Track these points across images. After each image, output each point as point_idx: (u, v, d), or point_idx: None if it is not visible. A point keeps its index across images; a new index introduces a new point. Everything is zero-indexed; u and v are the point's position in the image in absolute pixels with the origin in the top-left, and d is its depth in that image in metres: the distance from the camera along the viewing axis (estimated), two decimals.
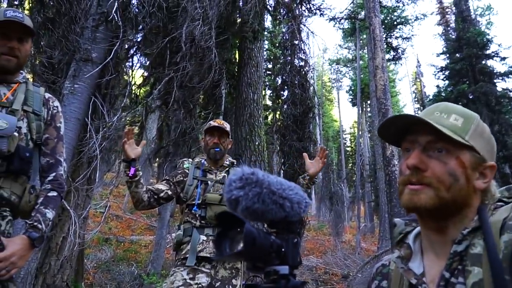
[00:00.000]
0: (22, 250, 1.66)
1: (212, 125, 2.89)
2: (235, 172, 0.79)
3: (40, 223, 1.75)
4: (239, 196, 0.75)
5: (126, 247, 9.17)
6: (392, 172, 7.46)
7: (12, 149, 1.71)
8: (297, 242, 0.81)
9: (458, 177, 0.90)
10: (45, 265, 4.35)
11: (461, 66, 17.00)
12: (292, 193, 0.79)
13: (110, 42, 4.29)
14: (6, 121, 1.72)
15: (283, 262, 0.77)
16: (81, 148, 4.22)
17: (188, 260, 2.64)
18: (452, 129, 0.91)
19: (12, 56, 1.83)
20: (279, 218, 0.78)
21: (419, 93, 33.18)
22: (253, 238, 0.72)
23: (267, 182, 0.77)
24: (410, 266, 0.96)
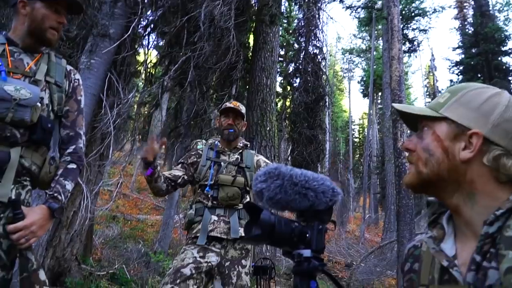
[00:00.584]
0: (42, 219, 1.66)
1: (227, 106, 2.88)
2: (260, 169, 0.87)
3: (60, 194, 1.75)
4: (263, 188, 0.85)
5: (133, 225, 9.27)
6: (402, 164, 7.40)
7: (34, 119, 1.71)
8: (322, 228, 0.88)
9: (433, 151, 0.91)
10: (56, 238, 4.40)
11: (476, 62, 16.75)
12: (316, 184, 0.87)
13: (128, 19, 4.27)
14: (30, 91, 1.70)
15: (307, 247, 0.85)
16: (95, 123, 4.23)
17: (199, 239, 2.65)
18: (432, 107, 0.94)
19: (57, 31, 1.84)
20: (305, 207, 0.87)
21: (431, 87, 32.85)
22: (271, 225, 0.82)
23: (289, 174, 0.86)
24: (442, 247, 0.93)
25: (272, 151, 7.23)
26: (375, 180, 24.90)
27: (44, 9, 1.81)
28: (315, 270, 0.84)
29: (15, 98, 1.65)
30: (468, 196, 0.89)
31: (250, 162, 2.87)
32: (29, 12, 1.82)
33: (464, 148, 0.88)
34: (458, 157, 0.88)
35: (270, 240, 0.85)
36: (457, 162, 0.89)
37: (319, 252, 0.86)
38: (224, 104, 2.96)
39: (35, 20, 1.81)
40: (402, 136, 7.51)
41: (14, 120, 1.66)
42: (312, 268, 0.83)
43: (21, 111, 1.66)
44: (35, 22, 1.81)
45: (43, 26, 1.80)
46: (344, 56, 33.92)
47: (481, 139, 0.87)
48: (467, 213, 0.89)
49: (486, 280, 0.81)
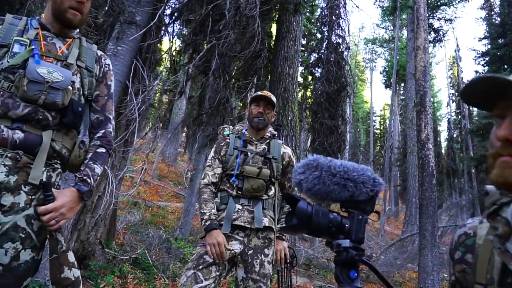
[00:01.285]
0: (72, 202, 1.70)
1: (258, 94, 2.86)
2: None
3: (89, 178, 1.78)
4: (301, 179, 0.87)
5: (154, 211, 9.40)
6: (425, 156, 7.29)
7: (66, 102, 1.73)
8: (362, 219, 0.89)
9: None
10: (80, 221, 4.49)
11: (503, 52, 16.28)
12: (356, 174, 0.88)
13: (154, 6, 4.27)
14: (62, 74, 1.73)
15: (346, 237, 0.87)
16: (120, 110, 4.27)
17: (223, 227, 2.66)
18: None
19: (78, 11, 1.82)
20: (345, 198, 0.88)
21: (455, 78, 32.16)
22: (307, 215, 0.84)
23: (327, 165, 0.88)
24: (507, 247, 0.82)
25: (294, 141, 7.21)
26: (395, 172, 24.65)
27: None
28: (353, 259, 0.85)
29: (48, 81, 1.67)
30: None
31: (277, 153, 2.85)
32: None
33: None
34: None
35: (307, 230, 0.87)
36: None
37: (358, 242, 0.87)
38: (256, 93, 2.94)
39: (56, 2, 1.82)
40: (426, 128, 7.37)
41: (47, 102, 1.68)
42: (350, 258, 0.84)
43: (53, 94, 1.69)
44: (56, 4, 1.82)
45: (62, 7, 1.80)
46: (367, 46, 33.43)
47: None
48: None
49: None
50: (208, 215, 2.61)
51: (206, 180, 2.77)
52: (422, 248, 6.89)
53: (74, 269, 1.72)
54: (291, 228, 0.93)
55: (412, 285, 8.09)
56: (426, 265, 6.66)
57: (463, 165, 25.43)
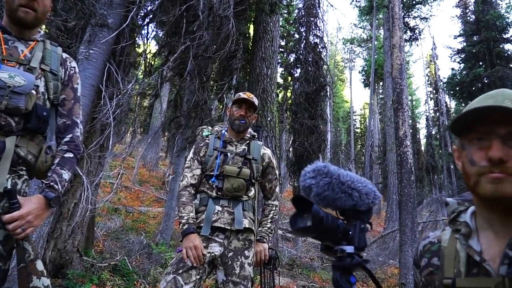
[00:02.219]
0: (38, 209, 1.64)
1: (241, 96, 2.83)
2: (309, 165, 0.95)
3: (57, 184, 1.73)
4: (311, 184, 0.92)
5: (135, 217, 9.27)
6: (404, 153, 7.38)
7: (29, 107, 1.68)
8: (364, 227, 0.95)
9: None
10: (57, 230, 4.39)
11: (478, 49, 16.69)
12: (361, 185, 0.94)
13: (126, 8, 4.21)
14: (24, 78, 1.67)
15: (350, 243, 0.92)
16: (94, 114, 4.19)
17: (203, 230, 2.63)
18: None
19: (30, 8, 1.75)
20: (348, 206, 0.93)
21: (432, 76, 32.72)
22: (320, 218, 0.88)
23: (337, 174, 0.93)
24: (470, 243, 0.98)
25: (273, 141, 7.20)
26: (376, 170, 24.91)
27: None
28: (357, 265, 0.90)
29: (9, 85, 1.62)
30: None
31: (257, 154, 2.84)
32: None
33: None
34: None
35: (317, 233, 0.90)
36: None
37: (360, 249, 0.93)
38: (238, 94, 2.92)
39: (8, 2, 1.76)
40: (404, 125, 7.47)
41: (9, 108, 1.63)
42: (355, 264, 0.89)
43: (16, 99, 1.64)
44: (8, 4, 1.76)
45: (13, 5, 1.74)
46: (345, 46, 33.77)
47: None
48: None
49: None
50: (186, 219, 2.57)
51: (184, 182, 2.73)
52: (403, 244, 6.97)
53: (44, 278, 1.67)
54: (305, 230, 0.95)
55: (394, 281, 8.16)
56: (407, 261, 6.73)
57: (442, 161, 25.93)
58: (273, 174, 2.94)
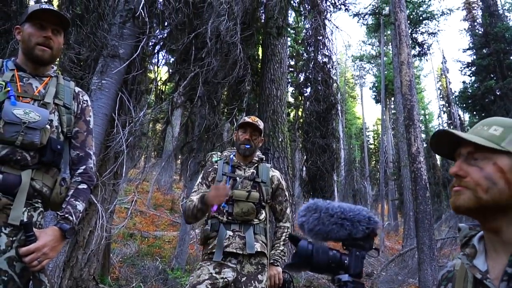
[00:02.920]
0: (54, 241, 1.68)
1: (246, 120, 2.86)
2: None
3: (71, 215, 1.77)
4: (303, 221, 0.97)
5: (151, 242, 9.27)
6: (418, 169, 7.30)
7: (44, 142, 1.74)
8: (359, 254, 0.98)
9: (496, 181, 0.97)
10: (73, 258, 4.42)
11: (488, 62, 16.59)
12: (352, 214, 0.97)
13: (136, 38, 4.33)
14: (39, 114, 1.73)
15: (346, 272, 0.95)
16: (108, 143, 4.27)
17: (215, 255, 2.64)
18: (489, 139, 1.00)
19: (46, 46, 1.84)
20: (344, 236, 0.97)
21: (444, 90, 32.48)
22: (308, 253, 0.94)
23: (325, 207, 0.97)
24: (474, 263, 1.02)
25: (285, 162, 7.21)
26: (392, 186, 24.59)
27: (30, 28, 1.84)
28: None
29: (24, 121, 1.68)
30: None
31: (266, 176, 2.85)
32: (22, 36, 1.87)
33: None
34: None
35: (310, 267, 0.96)
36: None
37: (357, 276, 0.95)
38: (243, 118, 2.95)
39: (24, 41, 1.84)
40: (416, 141, 7.42)
41: (24, 143, 1.69)
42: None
43: (31, 134, 1.69)
44: (24, 43, 1.84)
45: (30, 44, 1.82)
46: (355, 63, 33.85)
47: None
48: (506, 234, 0.98)
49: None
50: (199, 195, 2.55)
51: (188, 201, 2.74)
52: (421, 262, 6.83)
53: None
54: (294, 266, 0.99)
55: None
56: (426, 279, 6.59)
57: None
58: (283, 196, 2.94)
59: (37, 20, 1.83)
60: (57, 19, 1.87)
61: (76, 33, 4.54)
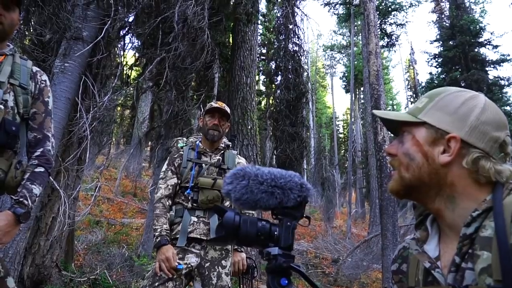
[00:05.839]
0: (7, 225, 1.63)
1: (213, 106, 2.85)
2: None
3: (26, 199, 1.72)
4: (229, 190, 0.88)
5: (117, 229, 9.16)
6: (383, 158, 7.47)
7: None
8: (290, 225, 0.89)
9: (413, 155, 0.92)
10: (34, 245, 4.33)
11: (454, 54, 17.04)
12: (283, 181, 0.88)
13: (101, 21, 4.21)
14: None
15: (276, 244, 0.87)
16: (71, 128, 4.16)
17: (179, 241, 2.64)
18: (410, 112, 0.95)
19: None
20: (274, 205, 0.88)
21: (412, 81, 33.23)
22: (235, 226, 0.85)
23: (254, 174, 0.88)
24: (425, 248, 0.94)
25: (254, 149, 7.24)
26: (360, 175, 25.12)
27: None
28: (280, 267, 0.85)
29: None
30: (449, 199, 0.90)
31: (231, 163, 2.85)
32: None
33: (443, 152, 0.89)
34: (437, 161, 0.89)
35: (236, 240, 0.87)
36: (437, 166, 0.90)
37: (287, 249, 0.87)
38: (210, 104, 2.93)
39: None
40: (382, 130, 7.58)
41: None
42: (278, 266, 0.84)
43: None
44: None
45: None
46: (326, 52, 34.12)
47: (459, 143, 0.88)
48: (449, 216, 0.90)
49: (464, 281, 0.82)
50: (159, 231, 2.58)
51: (159, 194, 2.74)
52: (385, 248, 7.03)
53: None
54: (219, 239, 0.92)
55: (378, 285, 8.24)
56: (389, 265, 6.78)
57: None
58: None
59: None
60: None
61: (38, 14, 4.37)
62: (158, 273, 2.50)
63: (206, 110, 2.90)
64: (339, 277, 8.63)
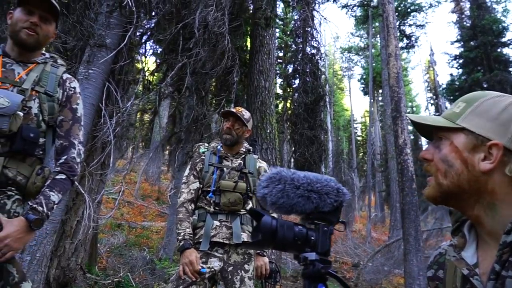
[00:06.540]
0: (18, 232, 1.62)
1: (228, 110, 2.89)
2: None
3: (42, 206, 1.70)
4: (265, 194, 0.86)
5: (138, 232, 9.28)
6: (404, 161, 7.38)
7: (14, 129, 1.68)
8: (327, 230, 0.88)
9: (451, 162, 0.89)
10: (60, 248, 4.42)
11: (475, 54, 16.75)
12: (319, 186, 0.88)
13: (124, 28, 4.29)
14: (8, 100, 1.67)
15: (313, 249, 0.86)
16: (95, 133, 4.25)
17: (202, 245, 2.66)
18: (447, 117, 0.93)
19: (32, 31, 1.82)
20: (310, 210, 0.87)
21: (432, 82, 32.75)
22: (272, 230, 0.84)
23: (290, 178, 0.87)
24: (463, 255, 0.92)
25: (273, 153, 7.25)
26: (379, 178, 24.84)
27: (19, 13, 1.83)
28: (319, 273, 0.84)
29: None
30: (489, 206, 0.87)
31: (252, 167, 2.87)
32: (11, 20, 1.86)
33: (484, 159, 0.86)
34: (478, 168, 0.86)
35: (273, 245, 0.86)
36: (477, 173, 0.87)
37: (324, 254, 0.87)
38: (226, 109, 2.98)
39: (12, 25, 1.83)
40: (403, 133, 7.50)
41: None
42: (316, 271, 0.84)
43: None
44: (12, 27, 1.83)
45: (16, 28, 1.81)
46: (343, 55, 33.94)
47: (501, 150, 0.84)
48: (488, 223, 0.88)
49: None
50: (182, 235, 2.61)
51: (182, 198, 2.77)
52: (407, 253, 6.93)
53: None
54: (256, 244, 0.92)
55: None
56: (412, 270, 6.69)
57: None
58: None
59: (26, 5, 1.82)
60: (46, 5, 1.84)
61: (63, 22, 4.48)
62: (182, 276, 2.52)
63: (221, 114, 2.95)
64: (360, 282, 8.54)
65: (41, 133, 1.83)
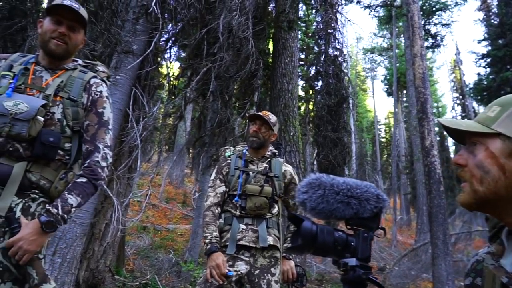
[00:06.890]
0: (31, 234, 1.62)
1: (254, 113, 2.91)
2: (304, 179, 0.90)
3: (56, 208, 1.69)
4: (305, 199, 0.87)
5: (163, 235, 9.40)
6: (431, 163, 7.25)
7: (33, 133, 1.69)
8: (368, 236, 0.90)
9: (488, 168, 0.86)
10: (89, 250, 4.52)
11: (504, 53, 16.28)
12: (359, 191, 0.88)
13: (149, 34, 4.37)
14: (28, 105, 1.70)
15: (353, 255, 0.87)
16: (122, 137, 4.33)
17: (228, 248, 2.68)
18: (481, 122, 0.89)
19: (61, 41, 1.86)
20: (349, 215, 0.88)
21: (458, 82, 32.06)
22: (312, 235, 0.84)
23: (330, 184, 0.88)
24: (502, 263, 0.88)
25: (297, 156, 7.22)
26: (404, 180, 24.44)
27: (48, 23, 1.87)
28: (360, 278, 0.85)
29: (11, 113, 1.67)
30: None
31: (278, 171, 2.87)
32: (41, 29, 1.90)
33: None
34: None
35: (313, 250, 0.87)
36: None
37: (365, 260, 0.88)
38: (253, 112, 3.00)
39: (41, 34, 1.88)
40: (430, 135, 7.37)
41: (11, 134, 1.67)
42: (357, 277, 0.85)
43: (18, 126, 1.67)
44: (41, 36, 1.87)
45: (45, 38, 1.85)
46: (366, 55, 33.58)
47: None
48: None
49: None
50: (209, 239, 2.63)
51: (208, 202, 2.80)
52: (435, 257, 6.79)
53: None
54: (297, 248, 0.92)
55: None
56: (440, 275, 6.56)
57: None
58: (296, 191, 2.96)
59: (55, 15, 1.86)
60: (74, 15, 1.87)
61: (91, 29, 4.60)
62: (209, 279, 2.54)
63: (248, 117, 2.96)
64: (387, 286, 8.41)
65: (66, 138, 1.84)
